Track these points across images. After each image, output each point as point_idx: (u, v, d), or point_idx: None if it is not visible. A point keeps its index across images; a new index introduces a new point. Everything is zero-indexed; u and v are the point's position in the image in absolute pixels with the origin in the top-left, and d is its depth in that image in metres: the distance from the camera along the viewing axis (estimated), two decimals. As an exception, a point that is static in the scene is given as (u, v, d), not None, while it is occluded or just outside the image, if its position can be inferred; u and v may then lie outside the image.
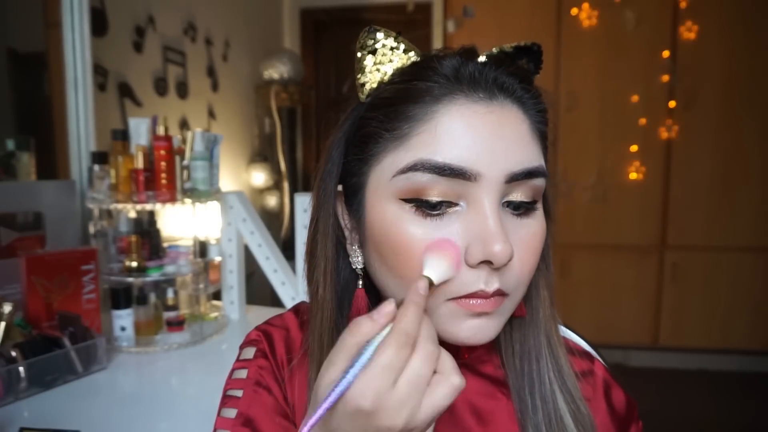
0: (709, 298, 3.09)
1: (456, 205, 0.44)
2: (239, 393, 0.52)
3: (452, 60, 0.45)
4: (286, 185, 3.06)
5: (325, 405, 0.35)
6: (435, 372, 0.37)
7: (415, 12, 3.10)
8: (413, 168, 0.43)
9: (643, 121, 3.07)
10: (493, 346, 0.55)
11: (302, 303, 0.59)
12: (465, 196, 0.43)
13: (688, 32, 2.98)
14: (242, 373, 0.54)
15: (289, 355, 0.55)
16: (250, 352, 0.55)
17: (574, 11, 3.08)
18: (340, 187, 0.51)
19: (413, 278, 0.41)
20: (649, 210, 3.13)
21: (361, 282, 0.51)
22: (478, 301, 0.43)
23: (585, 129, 3.12)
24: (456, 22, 3.15)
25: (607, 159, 3.12)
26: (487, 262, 0.42)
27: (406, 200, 0.44)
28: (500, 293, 0.44)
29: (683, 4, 2.97)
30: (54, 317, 1.18)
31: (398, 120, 0.45)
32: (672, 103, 3.04)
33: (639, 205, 3.13)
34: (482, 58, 0.46)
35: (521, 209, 0.45)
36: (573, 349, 0.57)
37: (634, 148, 3.09)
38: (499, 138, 0.43)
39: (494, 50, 0.47)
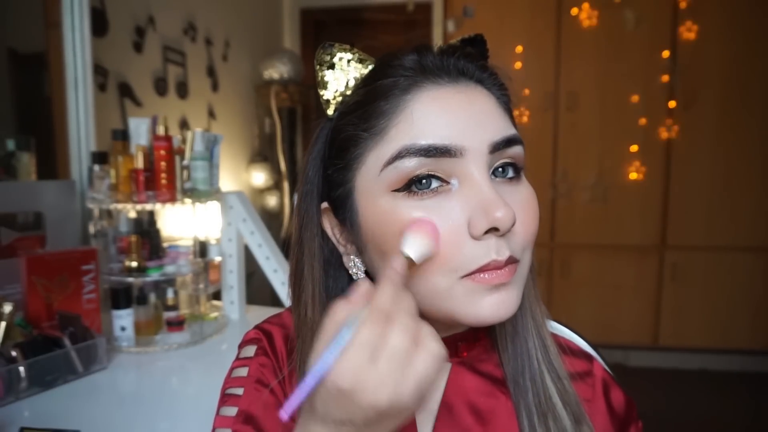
0: (709, 298, 3.09)
1: (447, 183, 0.44)
2: (240, 391, 0.52)
3: (411, 55, 0.47)
4: (286, 185, 3.06)
5: (304, 387, 0.34)
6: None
7: (415, 12, 3.09)
8: (399, 156, 0.44)
9: (643, 121, 3.07)
10: (492, 344, 0.55)
11: None
12: (454, 173, 0.44)
13: (688, 32, 2.98)
14: (243, 371, 0.54)
15: (289, 351, 0.55)
16: (250, 350, 0.55)
17: (574, 11, 3.08)
18: (324, 204, 0.51)
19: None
20: (649, 210, 3.12)
21: None
22: (494, 273, 0.43)
23: (585, 129, 3.12)
24: (456, 22, 3.15)
25: (607, 159, 3.12)
26: (493, 231, 0.43)
27: (398, 190, 0.44)
28: (512, 260, 0.44)
29: (683, 4, 2.97)
30: (54, 317, 1.18)
31: (373, 118, 0.46)
32: (672, 103, 3.04)
33: (639, 205, 3.13)
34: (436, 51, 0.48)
35: (509, 177, 0.47)
36: (571, 349, 0.57)
37: (634, 148, 3.09)
38: (473, 113, 0.45)
39: (442, 45, 0.50)
